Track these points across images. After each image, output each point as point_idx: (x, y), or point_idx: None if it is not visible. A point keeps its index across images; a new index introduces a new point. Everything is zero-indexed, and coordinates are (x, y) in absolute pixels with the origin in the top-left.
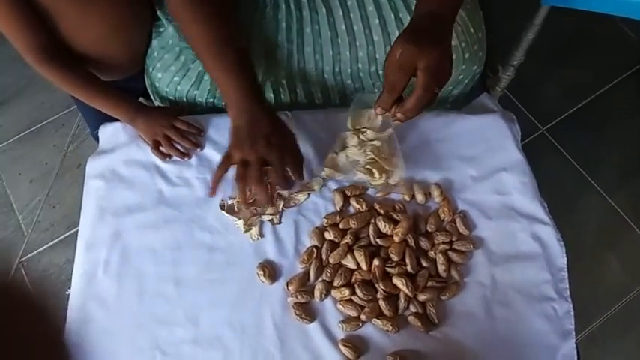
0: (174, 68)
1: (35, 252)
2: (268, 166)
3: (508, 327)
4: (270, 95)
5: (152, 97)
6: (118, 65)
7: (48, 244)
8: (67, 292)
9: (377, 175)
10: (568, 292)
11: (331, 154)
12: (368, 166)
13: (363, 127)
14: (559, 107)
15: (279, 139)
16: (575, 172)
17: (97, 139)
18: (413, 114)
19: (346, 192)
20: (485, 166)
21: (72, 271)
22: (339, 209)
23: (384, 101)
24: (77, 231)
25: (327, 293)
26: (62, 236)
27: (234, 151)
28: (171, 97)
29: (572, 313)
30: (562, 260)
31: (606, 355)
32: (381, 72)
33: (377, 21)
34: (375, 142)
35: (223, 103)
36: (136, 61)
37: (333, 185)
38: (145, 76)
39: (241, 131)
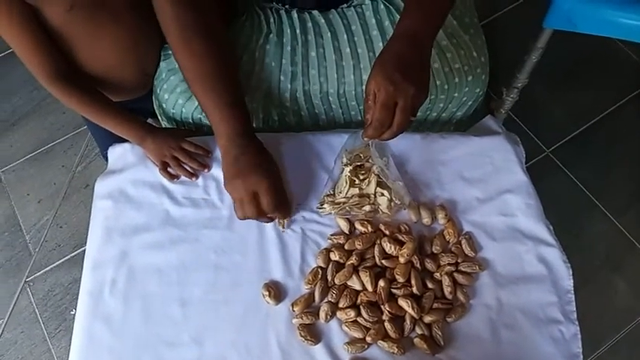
0: (180, 90)
1: (42, 272)
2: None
3: (514, 350)
4: (274, 118)
5: (159, 118)
6: (128, 86)
7: (54, 264)
8: (72, 313)
9: (384, 207)
10: (575, 315)
11: (326, 192)
12: (372, 199)
13: (358, 160)
14: (564, 129)
15: (265, 173)
16: (581, 194)
17: (106, 158)
18: (391, 139)
19: (350, 218)
20: (490, 187)
21: (77, 291)
22: (347, 232)
23: (372, 135)
24: (83, 251)
25: (333, 314)
26: (68, 256)
27: (229, 189)
28: (177, 119)
29: (579, 336)
30: (569, 282)
31: None
32: None
33: (380, 44)
34: (374, 170)
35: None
36: (145, 83)
37: None
38: (153, 98)
39: (231, 166)
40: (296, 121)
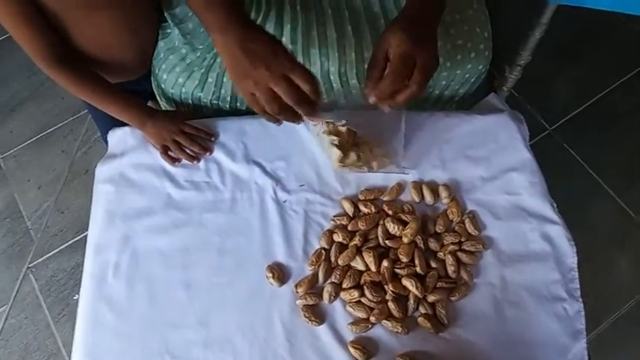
0: (179, 69)
1: (44, 257)
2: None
3: (518, 327)
4: None
5: (158, 98)
6: (127, 67)
7: (56, 250)
8: (75, 298)
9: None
10: (579, 292)
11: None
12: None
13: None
14: (566, 107)
15: (277, 59)
16: (584, 172)
17: (107, 142)
18: (403, 106)
19: (354, 199)
20: (494, 166)
21: (80, 276)
22: (350, 213)
23: (384, 92)
24: (85, 236)
25: (336, 295)
26: (70, 241)
27: (239, 84)
28: (176, 99)
29: (582, 313)
30: (572, 260)
31: (616, 356)
32: None
33: (382, 21)
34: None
35: (211, 38)
36: (144, 63)
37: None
38: (152, 78)
39: (234, 58)
40: None
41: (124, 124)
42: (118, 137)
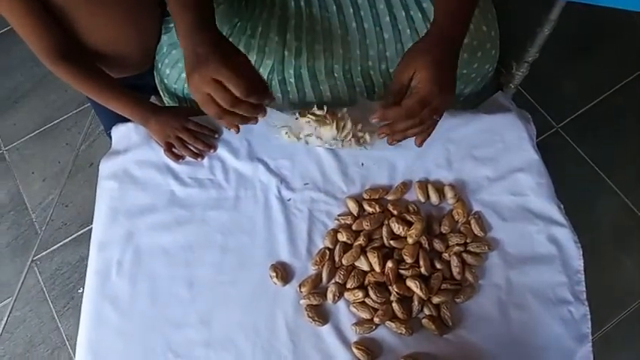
0: (182, 64)
1: (48, 250)
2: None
3: (523, 330)
4: (278, 95)
5: (161, 94)
6: (130, 62)
7: (61, 243)
8: (79, 291)
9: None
10: (585, 296)
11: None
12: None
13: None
14: (574, 104)
15: (229, 58)
16: (591, 170)
17: (111, 137)
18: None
19: (358, 198)
20: (500, 166)
21: (84, 269)
22: (354, 212)
23: (401, 133)
24: (90, 229)
25: (340, 295)
26: (75, 234)
27: (192, 90)
28: (179, 94)
29: (588, 316)
30: (579, 262)
31: (621, 356)
32: (391, 70)
33: (387, 18)
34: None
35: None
36: (147, 58)
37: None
38: (155, 73)
39: (188, 64)
40: (300, 98)
41: (127, 120)
42: (121, 133)
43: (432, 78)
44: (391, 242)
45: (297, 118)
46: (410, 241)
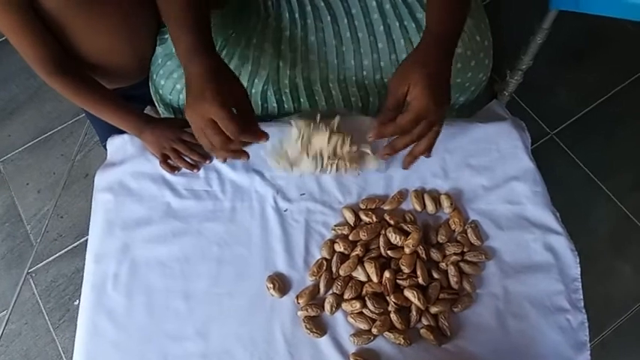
0: (177, 75)
1: (44, 262)
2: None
3: (522, 339)
4: (273, 105)
5: (157, 104)
6: (125, 73)
7: (56, 255)
8: (75, 303)
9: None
10: (582, 303)
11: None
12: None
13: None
14: (568, 111)
15: (224, 96)
16: (585, 177)
17: (106, 149)
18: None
19: (355, 208)
20: (496, 175)
21: (80, 281)
22: (351, 222)
23: (398, 148)
24: (85, 241)
25: (338, 306)
26: (70, 246)
27: (189, 120)
28: (174, 105)
29: (586, 324)
30: (576, 271)
31: None
32: (386, 80)
33: (381, 28)
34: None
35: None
36: (143, 69)
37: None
38: (150, 84)
39: (187, 93)
40: (295, 108)
41: (122, 131)
42: (116, 145)
43: (426, 93)
44: (388, 252)
45: (291, 124)
46: (407, 250)
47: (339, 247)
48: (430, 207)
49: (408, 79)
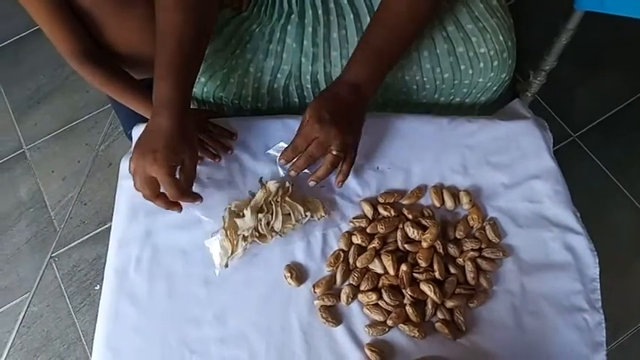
0: (202, 69)
1: (66, 248)
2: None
3: (537, 337)
4: (295, 100)
5: None
6: (152, 64)
7: (79, 240)
8: (96, 288)
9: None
10: (600, 304)
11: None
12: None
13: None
14: (591, 114)
15: (173, 163)
16: (607, 180)
17: (130, 138)
18: (323, 179)
19: (373, 202)
20: (516, 173)
21: (101, 267)
22: (369, 215)
23: (298, 167)
24: (107, 228)
25: (354, 297)
26: (92, 233)
27: (133, 163)
28: (198, 98)
29: (603, 324)
30: (594, 271)
31: None
32: (407, 78)
33: None
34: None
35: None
36: None
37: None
38: None
39: (141, 139)
40: None
41: (147, 120)
42: None
43: (313, 115)
44: (405, 246)
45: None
46: (424, 245)
47: (357, 240)
48: (449, 203)
49: (307, 108)
